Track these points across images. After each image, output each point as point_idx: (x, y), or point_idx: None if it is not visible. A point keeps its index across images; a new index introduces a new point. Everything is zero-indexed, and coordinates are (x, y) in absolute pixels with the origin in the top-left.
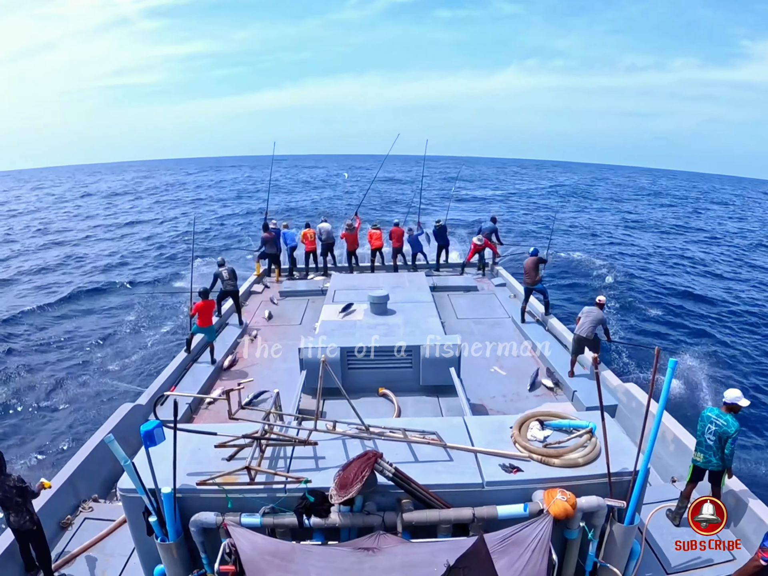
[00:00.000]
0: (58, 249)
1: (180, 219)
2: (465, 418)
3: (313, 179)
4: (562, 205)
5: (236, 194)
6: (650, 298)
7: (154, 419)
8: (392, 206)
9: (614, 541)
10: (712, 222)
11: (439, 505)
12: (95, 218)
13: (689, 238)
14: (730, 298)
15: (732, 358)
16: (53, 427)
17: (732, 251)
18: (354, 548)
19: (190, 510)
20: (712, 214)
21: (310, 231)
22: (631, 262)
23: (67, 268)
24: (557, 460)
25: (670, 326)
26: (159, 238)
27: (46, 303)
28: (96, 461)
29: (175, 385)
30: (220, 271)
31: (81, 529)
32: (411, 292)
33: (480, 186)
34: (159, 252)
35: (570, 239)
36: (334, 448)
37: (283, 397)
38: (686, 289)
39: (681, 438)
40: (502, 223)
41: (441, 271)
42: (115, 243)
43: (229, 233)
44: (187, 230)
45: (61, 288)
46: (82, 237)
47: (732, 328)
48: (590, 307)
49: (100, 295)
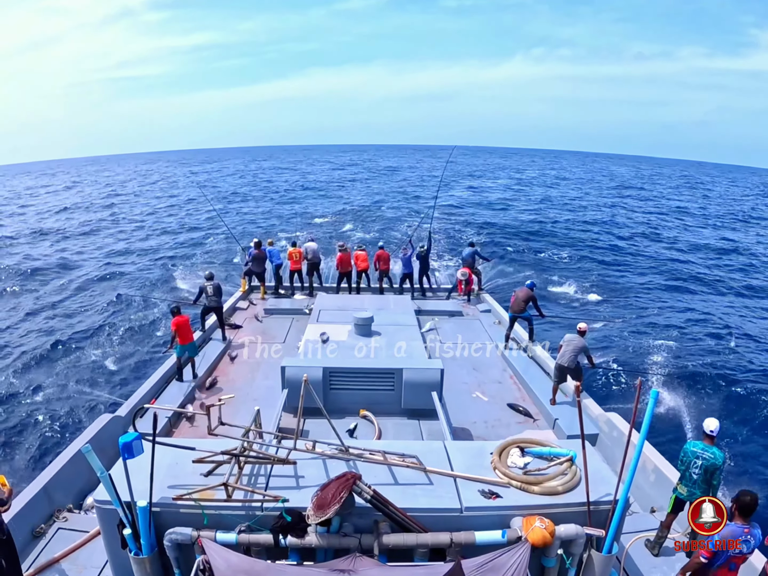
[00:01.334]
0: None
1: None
2: (445, 443)
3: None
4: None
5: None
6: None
7: (133, 431)
8: (412, 202)
9: (592, 569)
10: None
11: (416, 529)
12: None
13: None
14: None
15: (710, 382)
16: (29, 435)
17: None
18: (329, 570)
19: (165, 524)
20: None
21: (296, 250)
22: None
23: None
24: (537, 487)
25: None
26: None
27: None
28: (72, 471)
29: (156, 398)
30: (205, 286)
31: (54, 539)
32: (396, 315)
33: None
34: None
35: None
36: (313, 467)
37: (263, 415)
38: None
39: (661, 468)
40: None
41: (427, 296)
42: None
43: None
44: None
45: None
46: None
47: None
48: (572, 335)
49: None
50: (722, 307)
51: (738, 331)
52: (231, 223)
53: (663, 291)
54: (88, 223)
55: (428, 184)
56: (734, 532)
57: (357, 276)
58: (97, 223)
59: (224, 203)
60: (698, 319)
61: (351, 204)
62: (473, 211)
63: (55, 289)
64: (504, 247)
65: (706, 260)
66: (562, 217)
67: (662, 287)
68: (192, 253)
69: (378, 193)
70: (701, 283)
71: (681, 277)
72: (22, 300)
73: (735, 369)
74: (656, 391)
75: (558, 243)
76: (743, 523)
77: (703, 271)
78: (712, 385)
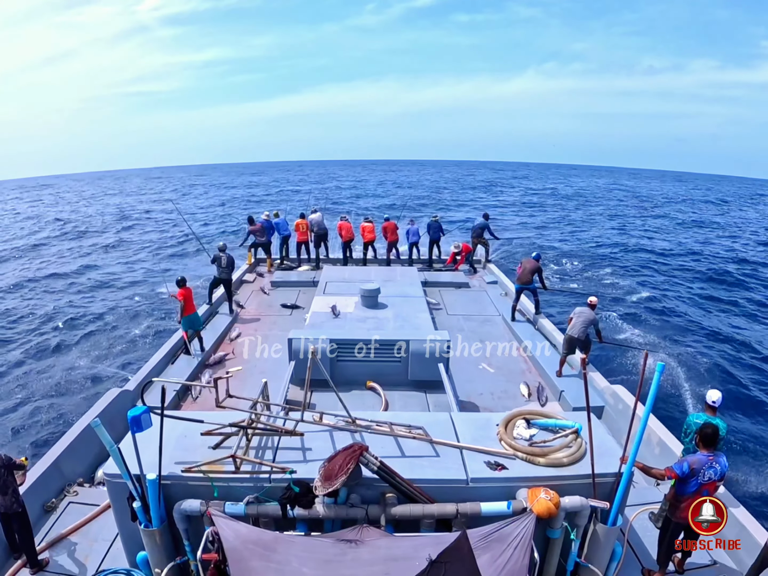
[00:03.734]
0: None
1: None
2: (452, 414)
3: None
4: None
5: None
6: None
7: (142, 405)
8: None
9: (596, 541)
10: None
11: (423, 499)
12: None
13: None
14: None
15: (715, 357)
16: (39, 410)
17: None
18: (337, 540)
19: (174, 497)
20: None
21: (303, 221)
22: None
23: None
24: (542, 459)
25: (659, 326)
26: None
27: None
28: (82, 445)
29: (163, 372)
30: (219, 255)
31: (65, 513)
32: (402, 287)
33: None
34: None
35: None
36: (320, 439)
37: (270, 387)
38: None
39: (666, 441)
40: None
41: (434, 267)
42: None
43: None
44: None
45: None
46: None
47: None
48: (582, 307)
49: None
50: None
51: (746, 309)
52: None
53: (676, 269)
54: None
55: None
56: (700, 461)
57: (363, 248)
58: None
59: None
60: (706, 294)
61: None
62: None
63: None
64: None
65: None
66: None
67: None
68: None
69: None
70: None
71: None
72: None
73: (742, 343)
74: (662, 364)
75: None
76: (708, 452)
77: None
78: (717, 358)
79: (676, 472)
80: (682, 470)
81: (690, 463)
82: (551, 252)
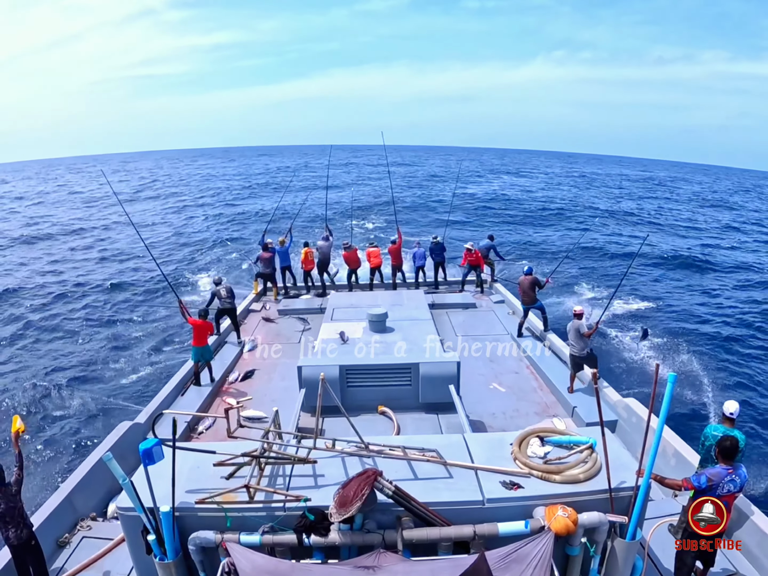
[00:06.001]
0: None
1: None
2: (465, 435)
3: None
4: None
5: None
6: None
7: (153, 437)
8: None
9: (616, 556)
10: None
11: (439, 522)
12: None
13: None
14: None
15: (731, 365)
16: (50, 446)
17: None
18: (354, 567)
19: (188, 529)
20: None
21: (310, 250)
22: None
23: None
24: (558, 476)
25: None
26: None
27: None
28: (94, 479)
29: (173, 403)
30: (217, 289)
31: (79, 548)
32: (410, 310)
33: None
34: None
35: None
36: (333, 466)
37: (282, 416)
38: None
39: (682, 452)
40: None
41: (440, 289)
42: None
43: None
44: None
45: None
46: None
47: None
48: (571, 322)
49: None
50: (740, 290)
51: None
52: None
53: (684, 275)
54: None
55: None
56: (720, 474)
57: (370, 273)
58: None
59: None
60: (716, 303)
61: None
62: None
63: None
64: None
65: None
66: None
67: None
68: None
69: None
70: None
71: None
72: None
73: (758, 350)
74: (674, 374)
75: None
76: (727, 465)
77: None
78: (732, 367)
79: (694, 484)
80: (700, 483)
81: (709, 476)
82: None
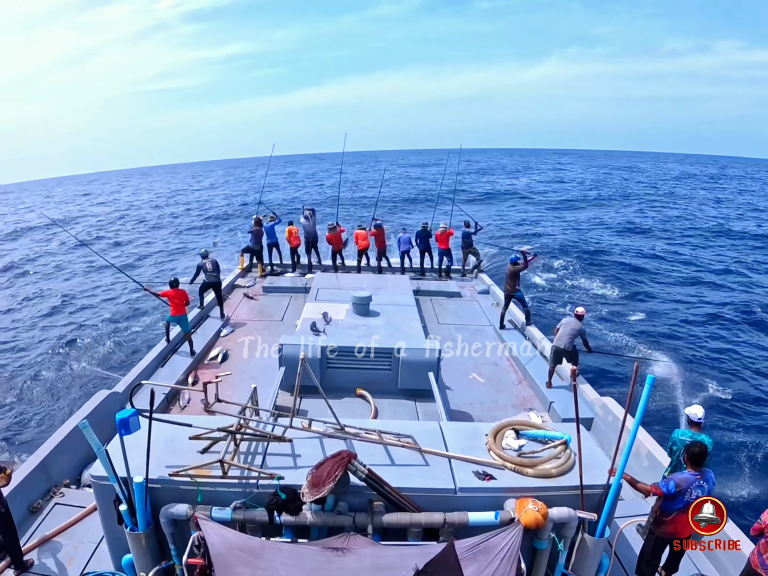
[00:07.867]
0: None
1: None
2: (441, 424)
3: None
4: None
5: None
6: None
7: (130, 408)
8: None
9: (584, 552)
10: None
11: (410, 508)
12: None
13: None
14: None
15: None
16: (27, 410)
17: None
18: (323, 548)
19: (161, 501)
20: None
21: (294, 228)
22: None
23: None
24: (531, 469)
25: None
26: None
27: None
28: (69, 447)
29: (153, 375)
30: (203, 263)
31: (51, 514)
32: (394, 295)
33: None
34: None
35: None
36: (308, 446)
37: (260, 393)
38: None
39: (655, 454)
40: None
41: (426, 276)
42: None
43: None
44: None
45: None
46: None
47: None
48: (569, 318)
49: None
50: (724, 295)
51: (740, 319)
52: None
53: (673, 283)
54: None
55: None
56: (688, 480)
57: (358, 255)
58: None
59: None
60: (702, 310)
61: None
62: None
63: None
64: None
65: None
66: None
67: (674, 280)
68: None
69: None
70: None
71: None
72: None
73: (733, 357)
74: (652, 377)
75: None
76: (695, 471)
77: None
78: (708, 372)
79: (662, 490)
80: (668, 489)
81: (677, 482)
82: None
